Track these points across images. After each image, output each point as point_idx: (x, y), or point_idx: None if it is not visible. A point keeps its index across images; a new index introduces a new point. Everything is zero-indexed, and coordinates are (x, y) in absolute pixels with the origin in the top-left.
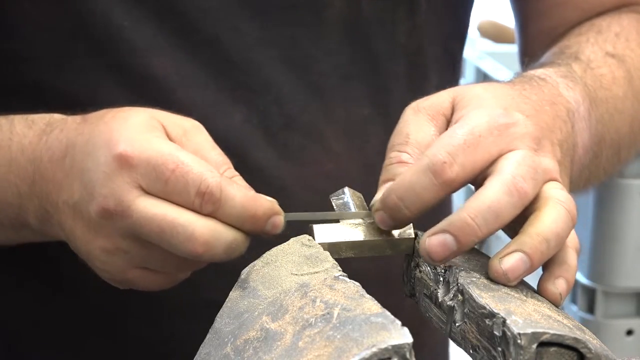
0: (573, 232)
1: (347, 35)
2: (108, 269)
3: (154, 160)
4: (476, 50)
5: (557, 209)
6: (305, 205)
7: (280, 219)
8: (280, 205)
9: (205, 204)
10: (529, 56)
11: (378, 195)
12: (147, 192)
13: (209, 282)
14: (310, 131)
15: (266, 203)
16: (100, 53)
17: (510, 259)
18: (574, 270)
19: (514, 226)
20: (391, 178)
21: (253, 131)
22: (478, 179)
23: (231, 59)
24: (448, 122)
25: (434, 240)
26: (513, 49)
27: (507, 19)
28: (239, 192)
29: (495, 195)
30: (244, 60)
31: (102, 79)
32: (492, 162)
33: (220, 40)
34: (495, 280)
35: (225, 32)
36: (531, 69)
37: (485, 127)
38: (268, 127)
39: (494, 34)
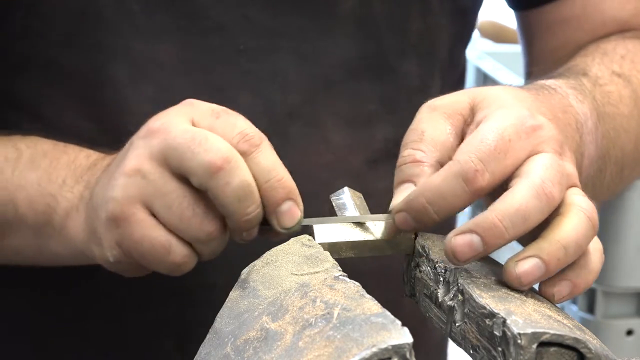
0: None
1: (358, 31)
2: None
3: (214, 105)
4: (476, 50)
5: (579, 216)
6: (304, 195)
7: (296, 209)
8: None
9: (243, 142)
10: (534, 75)
11: (399, 197)
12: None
13: (210, 266)
14: (313, 122)
15: (293, 184)
16: (109, 34)
17: (525, 263)
18: (590, 274)
19: (533, 231)
20: (407, 179)
21: (256, 118)
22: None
23: (238, 47)
24: (465, 122)
25: (460, 240)
26: (513, 49)
27: (507, 19)
28: (276, 157)
29: (524, 199)
30: (251, 48)
31: (110, 61)
32: (519, 165)
33: (229, 27)
34: (508, 283)
35: (234, 20)
36: (540, 79)
37: (513, 130)
38: (271, 115)
39: (494, 34)
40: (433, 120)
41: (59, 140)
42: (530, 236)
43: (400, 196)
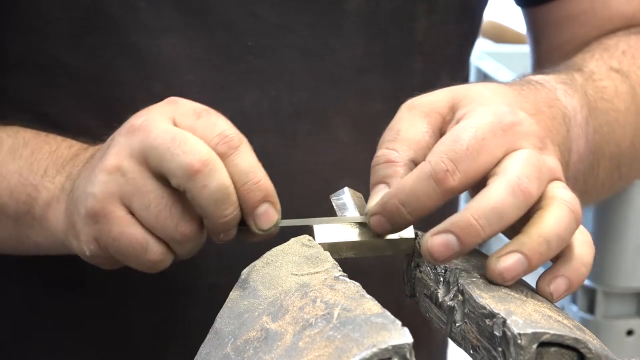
0: (583, 229)
1: (366, 29)
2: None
3: (196, 104)
4: (476, 50)
5: (560, 209)
6: (309, 193)
7: (273, 212)
8: (284, 192)
9: (223, 144)
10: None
11: (374, 200)
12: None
13: (211, 266)
14: (319, 120)
15: (271, 186)
16: (115, 31)
17: (507, 259)
18: (583, 267)
19: (515, 226)
20: (381, 180)
21: (262, 116)
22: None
23: (245, 44)
24: (443, 120)
25: (436, 240)
26: (513, 49)
27: (507, 19)
28: (255, 159)
29: (500, 196)
30: (258, 45)
31: (115, 58)
32: (497, 163)
33: (236, 24)
34: (491, 279)
35: (241, 17)
36: (529, 75)
37: (489, 128)
38: (277, 113)
39: (494, 34)
40: (410, 119)
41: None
42: (512, 231)
43: (375, 199)
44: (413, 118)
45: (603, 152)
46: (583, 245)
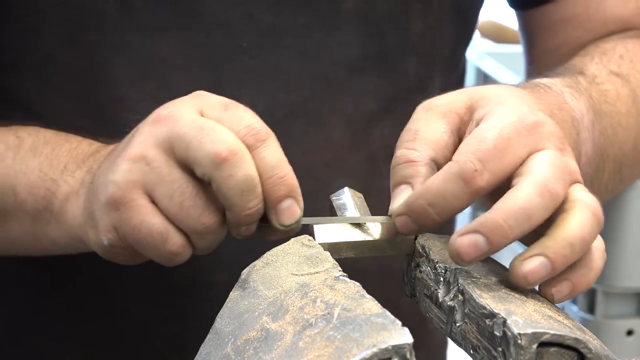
0: (598, 236)
1: (361, 29)
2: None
3: (222, 98)
4: (476, 50)
5: (584, 212)
6: (303, 192)
7: (296, 207)
8: None
9: (250, 136)
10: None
11: (398, 200)
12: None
13: (207, 265)
14: (314, 120)
15: (296, 181)
16: (110, 31)
17: (531, 262)
18: (591, 274)
19: (536, 228)
20: (403, 180)
21: (257, 115)
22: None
23: (241, 44)
24: (461, 121)
25: (464, 240)
26: (513, 49)
27: (507, 19)
28: (281, 153)
29: (528, 197)
30: (254, 45)
31: (110, 58)
32: (521, 163)
33: (232, 24)
34: (514, 282)
35: (237, 18)
36: (535, 78)
37: (513, 128)
38: (273, 113)
39: (494, 34)
40: (427, 119)
41: None
42: (532, 234)
43: (399, 199)
44: (431, 118)
45: (607, 155)
46: (596, 251)
